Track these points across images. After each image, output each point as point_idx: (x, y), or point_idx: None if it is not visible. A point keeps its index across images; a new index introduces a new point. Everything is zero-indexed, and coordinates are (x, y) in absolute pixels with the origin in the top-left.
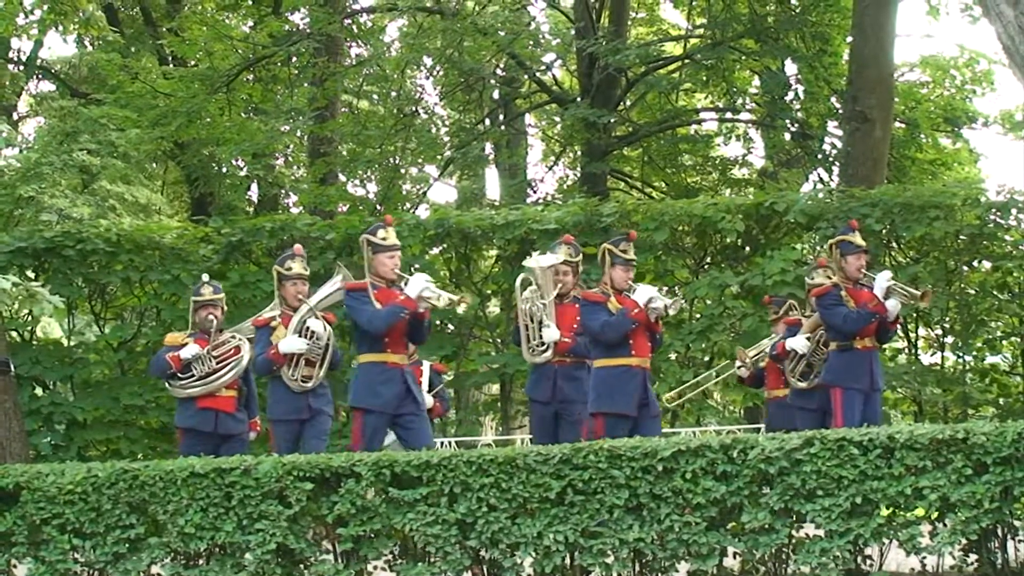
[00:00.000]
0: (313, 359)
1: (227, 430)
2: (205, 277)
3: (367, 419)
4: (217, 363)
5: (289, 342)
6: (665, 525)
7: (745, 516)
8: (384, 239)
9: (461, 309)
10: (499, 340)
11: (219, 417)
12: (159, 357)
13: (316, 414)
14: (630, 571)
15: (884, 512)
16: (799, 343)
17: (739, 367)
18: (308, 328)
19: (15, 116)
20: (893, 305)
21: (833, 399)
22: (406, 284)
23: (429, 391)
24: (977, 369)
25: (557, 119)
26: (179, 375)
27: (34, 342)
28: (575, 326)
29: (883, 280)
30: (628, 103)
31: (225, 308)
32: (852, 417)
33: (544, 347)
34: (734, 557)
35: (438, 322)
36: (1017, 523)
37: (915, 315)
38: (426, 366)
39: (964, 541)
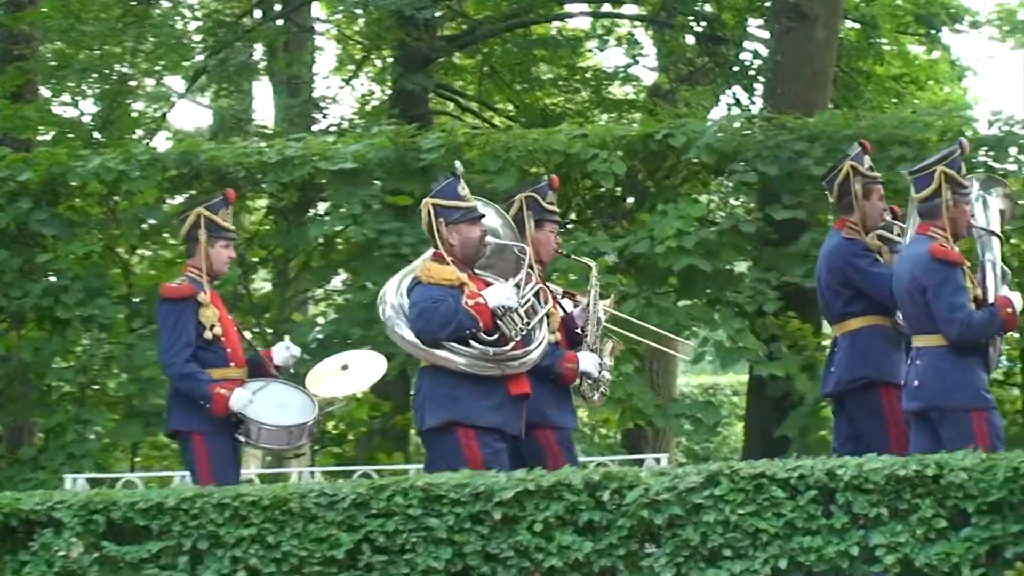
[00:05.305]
0: None
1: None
2: (460, 167)
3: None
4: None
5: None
6: None
7: None
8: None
9: None
10: (268, 329)
11: (526, 409)
12: (448, 306)
13: None
14: None
15: None
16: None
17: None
18: None
19: None
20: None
21: None
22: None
23: None
24: None
25: (358, 12)
26: (485, 334)
27: None
28: None
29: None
30: None
31: None
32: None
33: None
34: None
35: None
36: None
37: None
38: None
39: None
